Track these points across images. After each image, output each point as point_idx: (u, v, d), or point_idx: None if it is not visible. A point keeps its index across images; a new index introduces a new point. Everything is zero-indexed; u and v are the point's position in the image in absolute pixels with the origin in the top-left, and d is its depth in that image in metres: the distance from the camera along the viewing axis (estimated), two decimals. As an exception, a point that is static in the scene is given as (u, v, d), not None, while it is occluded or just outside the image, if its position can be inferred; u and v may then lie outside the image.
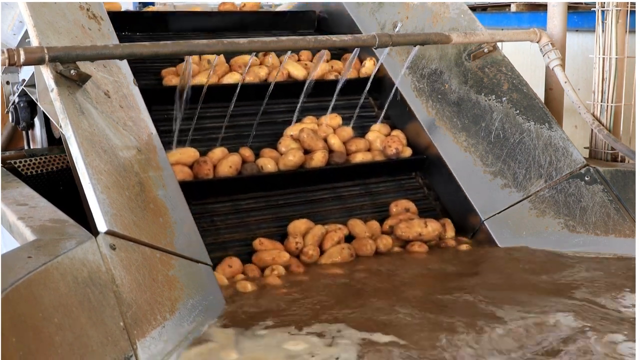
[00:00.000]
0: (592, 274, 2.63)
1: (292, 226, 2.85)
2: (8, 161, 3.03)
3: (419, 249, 2.90)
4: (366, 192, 3.12)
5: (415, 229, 2.93)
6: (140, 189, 2.30)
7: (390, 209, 3.09)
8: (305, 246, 2.79)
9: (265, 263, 2.69)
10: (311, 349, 2.07)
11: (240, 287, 2.52)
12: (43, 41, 2.35)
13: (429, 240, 2.95)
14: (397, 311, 2.32)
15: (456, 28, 3.21)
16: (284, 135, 3.12)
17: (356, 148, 3.15)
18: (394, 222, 2.98)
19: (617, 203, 2.90)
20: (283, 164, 3.00)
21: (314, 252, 2.78)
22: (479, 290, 2.49)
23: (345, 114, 3.25)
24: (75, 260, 1.87)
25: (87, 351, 1.76)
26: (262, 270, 2.68)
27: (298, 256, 2.78)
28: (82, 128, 2.22)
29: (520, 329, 2.20)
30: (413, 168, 3.27)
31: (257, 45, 2.59)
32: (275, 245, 2.78)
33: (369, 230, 2.94)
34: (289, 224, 2.86)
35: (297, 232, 2.82)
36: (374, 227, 2.97)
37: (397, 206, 3.08)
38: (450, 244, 2.97)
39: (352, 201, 3.10)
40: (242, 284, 2.53)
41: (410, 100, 3.25)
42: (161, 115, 2.93)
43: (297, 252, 2.78)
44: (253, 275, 2.63)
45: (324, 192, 3.07)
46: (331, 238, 2.83)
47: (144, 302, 2.03)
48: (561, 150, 2.98)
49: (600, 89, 3.15)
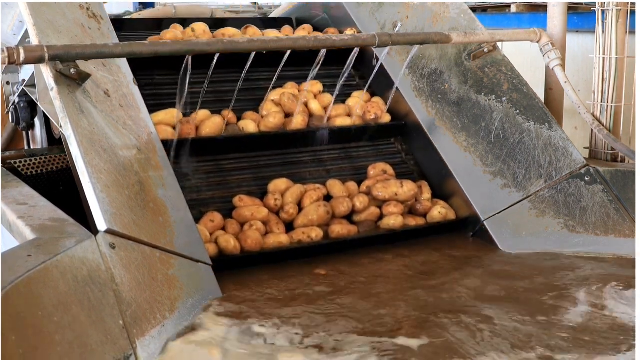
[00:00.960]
0: (592, 274, 2.63)
1: (272, 185, 2.93)
2: (8, 161, 3.03)
3: (394, 209, 2.96)
4: (346, 156, 3.15)
5: (392, 189, 2.99)
6: (140, 188, 2.30)
7: (368, 171, 3.15)
8: (285, 204, 2.87)
9: (245, 219, 2.78)
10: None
11: (223, 242, 2.62)
12: (43, 40, 2.36)
13: (405, 201, 3.01)
14: (398, 306, 2.33)
15: (456, 28, 3.21)
16: (266, 99, 3.16)
17: (336, 113, 3.22)
18: (371, 183, 3.04)
19: (617, 203, 2.89)
20: (264, 126, 3.07)
21: (294, 210, 2.86)
22: (477, 291, 2.49)
23: (326, 83, 3.32)
24: (75, 259, 1.88)
25: (86, 350, 1.76)
26: (241, 226, 2.76)
27: (277, 213, 2.86)
28: (82, 127, 2.22)
29: (518, 328, 2.20)
30: (392, 134, 3.33)
31: (256, 44, 2.59)
32: (255, 202, 2.86)
33: (346, 190, 3.00)
34: (269, 184, 2.94)
35: (277, 190, 2.91)
36: (352, 188, 3.04)
37: (375, 168, 3.14)
38: (425, 205, 3.05)
39: (331, 164, 3.16)
40: (225, 239, 2.63)
41: (410, 100, 3.25)
42: (147, 81, 3.02)
43: (276, 209, 2.86)
44: (233, 231, 2.71)
45: (304, 155, 3.12)
46: (310, 197, 2.91)
47: (144, 301, 2.04)
48: (561, 150, 2.98)
49: (600, 89, 3.15)
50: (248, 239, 2.70)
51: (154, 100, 2.93)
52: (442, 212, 3.04)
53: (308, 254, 2.79)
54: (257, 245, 2.71)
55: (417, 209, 3.06)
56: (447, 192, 3.14)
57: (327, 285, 2.54)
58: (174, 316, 2.12)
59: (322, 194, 2.95)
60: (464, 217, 3.07)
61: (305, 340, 2.11)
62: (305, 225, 2.84)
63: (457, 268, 2.71)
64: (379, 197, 2.99)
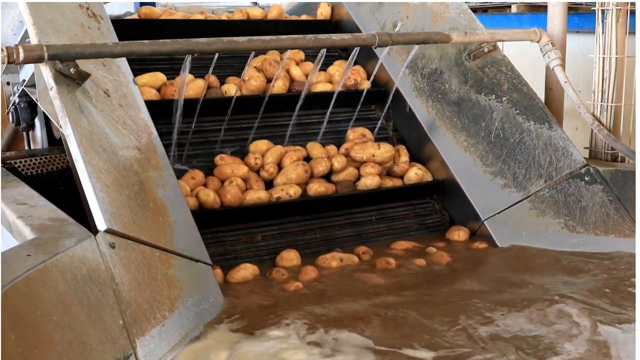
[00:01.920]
0: (591, 273, 2.63)
1: (253, 145, 3.02)
2: (8, 161, 3.02)
3: (371, 170, 3.04)
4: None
5: (369, 151, 3.06)
6: (139, 188, 2.30)
7: (348, 135, 3.22)
8: (265, 163, 2.97)
9: (225, 176, 2.88)
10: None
11: (203, 196, 2.72)
12: (42, 39, 2.36)
13: (382, 162, 3.09)
14: (398, 308, 2.32)
15: (456, 27, 3.21)
16: (248, 65, 3.16)
17: (317, 80, 3.27)
18: (350, 146, 3.11)
19: (617, 203, 2.89)
20: (245, 89, 3.15)
21: (273, 169, 2.96)
22: (476, 291, 2.49)
23: (308, 52, 3.40)
24: (74, 258, 1.87)
25: (86, 349, 1.76)
26: (222, 183, 2.85)
27: (258, 172, 2.96)
28: (82, 126, 2.22)
29: (515, 329, 2.20)
30: (372, 100, 3.37)
31: (256, 44, 2.59)
32: (235, 160, 2.95)
33: (325, 152, 3.09)
34: (250, 145, 3.04)
35: (257, 150, 3.00)
36: (331, 150, 3.13)
37: (354, 132, 3.21)
38: (402, 167, 3.14)
39: (312, 128, 3.21)
40: (205, 192, 2.73)
41: (410, 100, 3.25)
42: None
43: (256, 168, 2.96)
44: (214, 187, 2.80)
45: (285, 119, 3.15)
46: (290, 157, 3.00)
47: (144, 301, 2.03)
48: (561, 150, 2.98)
49: (600, 88, 3.15)
50: (227, 194, 2.78)
51: (138, 65, 3.00)
52: (419, 173, 3.13)
53: (286, 211, 2.87)
54: (237, 200, 2.79)
55: (394, 170, 3.15)
56: (424, 157, 3.24)
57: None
58: (174, 316, 2.11)
59: (301, 155, 3.05)
60: (441, 180, 3.14)
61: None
62: (284, 183, 2.93)
63: (456, 268, 2.72)
64: (357, 159, 3.07)
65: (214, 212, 2.74)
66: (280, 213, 2.88)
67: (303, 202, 2.92)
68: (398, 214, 3.12)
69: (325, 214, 2.97)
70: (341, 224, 2.99)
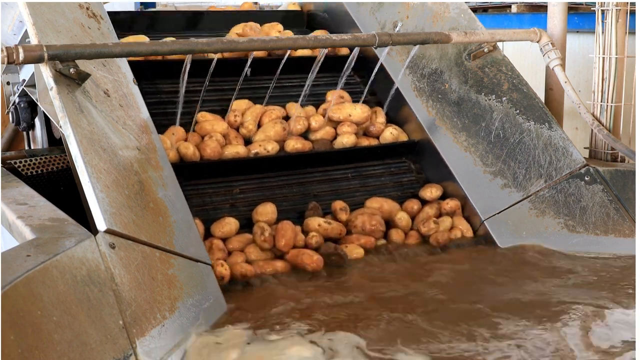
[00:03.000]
0: (591, 273, 2.63)
1: (234, 104, 3.03)
2: (8, 161, 3.02)
3: (348, 129, 3.12)
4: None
5: (346, 110, 3.14)
6: (139, 188, 2.30)
7: (326, 96, 3.26)
8: (245, 121, 3.03)
9: (206, 132, 2.94)
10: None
11: (183, 149, 2.81)
12: (42, 39, 2.35)
13: (358, 122, 3.15)
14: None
15: (456, 27, 3.21)
16: (230, 33, 3.27)
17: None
18: (327, 106, 3.17)
19: (616, 203, 2.89)
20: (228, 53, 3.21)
21: (252, 127, 3.03)
22: (476, 291, 2.49)
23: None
24: (74, 258, 1.87)
25: (86, 349, 1.76)
26: (202, 138, 2.93)
27: (237, 129, 3.03)
28: (82, 127, 2.22)
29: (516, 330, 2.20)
30: (354, 67, 3.39)
31: (256, 44, 2.60)
32: (216, 118, 3.01)
33: (304, 113, 3.13)
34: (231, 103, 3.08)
35: (237, 108, 3.06)
36: (310, 111, 3.17)
37: (333, 94, 3.22)
38: (379, 128, 3.21)
39: (292, 90, 3.23)
40: (185, 145, 2.82)
41: (410, 100, 3.25)
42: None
43: (236, 125, 3.03)
44: (194, 142, 2.88)
45: (266, 82, 3.16)
46: (269, 115, 3.06)
47: (144, 301, 2.03)
48: (561, 150, 2.98)
49: (600, 88, 3.15)
50: (207, 148, 2.86)
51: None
52: (394, 133, 3.21)
53: (264, 166, 2.96)
54: (216, 154, 2.87)
55: (370, 131, 3.22)
56: (401, 119, 3.29)
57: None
58: (174, 316, 2.11)
59: (280, 114, 3.10)
60: (417, 141, 3.23)
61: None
62: (263, 140, 3.00)
63: (456, 268, 2.72)
64: (334, 118, 3.14)
65: (194, 165, 2.82)
66: (258, 168, 2.97)
67: (280, 157, 3.00)
68: (374, 172, 3.19)
69: (302, 171, 3.06)
70: (318, 180, 3.08)
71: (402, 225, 2.96)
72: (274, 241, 2.70)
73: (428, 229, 2.91)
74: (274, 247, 2.70)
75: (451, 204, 3.04)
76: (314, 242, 2.73)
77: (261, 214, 2.79)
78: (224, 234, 2.71)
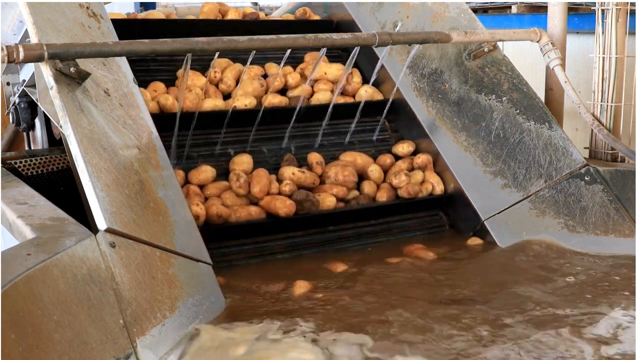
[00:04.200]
0: (591, 273, 2.62)
1: (215, 62, 3.02)
2: (8, 161, 3.02)
3: (324, 86, 3.26)
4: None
5: (322, 69, 3.29)
6: (140, 187, 2.30)
7: (305, 57, 3.41)
8: (224, 77, 3.15)
9: (186, 86, 3.03)
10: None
11: (162, 100, 2.94)
12: (42, 39, 2.35)
13: (334, 80, 3.29)
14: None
15: (456, 27, 3.21)
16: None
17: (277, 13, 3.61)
18: (304, 66, 3.33)
19: (616, 203, 2.89)
20: (204, 15, 3.53)
21: (232, 82, 3.15)
22: (475, 291, 2.49)
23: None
24: (74, 257, 1.87)
25: (86, 348, 1.76)
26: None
27: (217, 85, 3.15)
28: (82, 126, 2.22)
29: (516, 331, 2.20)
30: (325, 29, 3.56)
31: (256, 43, 2.59)
32: (196, 74, 3.12)
33: (282, 72, 3.25)
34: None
35: (218, 65, 3.16)
36: (287, 69, 3.31)
37: (310, 55, 3.39)
38: (355, 87, 3.35)
39: (271, 53, 3.28)
40: (164, 97, 2.95)
41: (410, 100, 3.25)
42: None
43: (216, 81, 3.15)
44: (174, 95, 2.99)
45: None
46: (248, 73, 3.18)
47: (144, 300, 2.03)
48: (561, 150, 2.98)
49: (600, 88, 3.15)
50: (186, 100, 2.96)
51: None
52: (369, 91, 3.30)
53: (242, 119, 3.03)
54: (195, 106, 2.97)
55: (347, 89, 3.34)
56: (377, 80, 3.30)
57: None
58: (174, 315, 2.11)
59: (259, 72, 3.25)
60: (393, 100, 3.26)
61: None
62: (241, 95, 3.11)
63: (456, 268, 2.72)
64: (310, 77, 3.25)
65: (173, 116, 2.89)
66: (236, 121, 3.02)
67: (258, 111, 3.07)
68: (349, 129, 3.24)
69: (279, 126, 3.13)
70: (294, 135, 3.13)
71: (374, 177, 3.09)
72: (249, 188, 2.84)
73: (399, 181, 3.05)
74: (249, 193, 2.85)
75: (422, 158, 3.16)
76: (288, 189, 2.86)
77: (237, 163, 2.92)
78: (201, 181, 2.84)
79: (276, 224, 2.82)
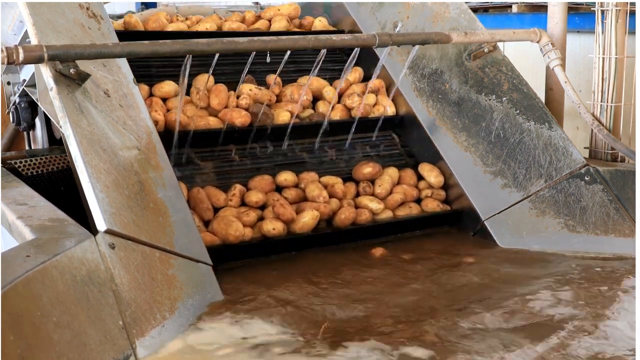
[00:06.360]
0: (591, 273, 2.62)
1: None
2: (8, 161, 3.02)
3: (279, 17, 3.56)
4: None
5: (276, 7, 3.63)
6: (139, 188, 2.30)
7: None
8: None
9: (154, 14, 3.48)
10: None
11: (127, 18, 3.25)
12: (42, 40, 2.36)
13: (288, 14, 3.60)
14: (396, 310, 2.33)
15: (456, 28, 3.21)
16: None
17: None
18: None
19: (616, 203, 2.89)
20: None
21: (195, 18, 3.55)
22: (475, 291, 2.49)
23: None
24: (74, 258, 1.88)
25: (85, 349, 1.76)
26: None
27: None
28: (82, 127, 2.22)
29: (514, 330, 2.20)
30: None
31: (256, 44, 2.60)
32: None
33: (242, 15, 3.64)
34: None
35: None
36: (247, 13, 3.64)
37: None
38: (309, 21, 3.62)
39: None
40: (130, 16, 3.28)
41: (410, 100, 3.26)
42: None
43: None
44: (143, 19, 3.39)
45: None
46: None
47: (143, 301, 2.03)
48: (561, 150, 2.98)
49: (600, 89, 3.15)
50: (150, 21, 3.40)
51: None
52: (322, 21, 3.64)
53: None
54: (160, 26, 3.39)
55: (303, 24, 3.65)
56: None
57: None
58: (174, 316, 2.12)
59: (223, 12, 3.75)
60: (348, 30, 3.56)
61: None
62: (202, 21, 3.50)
63: (456, 266, 2.72)
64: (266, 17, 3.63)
65: (138, 34, 3.15)
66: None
67: (217, 33, 3.34)
68: (307, 59, 3.30)
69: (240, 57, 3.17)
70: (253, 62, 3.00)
71: (329, 97, 3.28)
72: (209, 101, 3.04)
73: (352, 101, 3.26)
74: (209, 107, 3.05)
75: (375, 83, 3.33)
76: (244, 103, 3.07)
77: (199, 80, 3.07)
78: (163, 94, 3.01)
79: (232, 133, 3.01)
